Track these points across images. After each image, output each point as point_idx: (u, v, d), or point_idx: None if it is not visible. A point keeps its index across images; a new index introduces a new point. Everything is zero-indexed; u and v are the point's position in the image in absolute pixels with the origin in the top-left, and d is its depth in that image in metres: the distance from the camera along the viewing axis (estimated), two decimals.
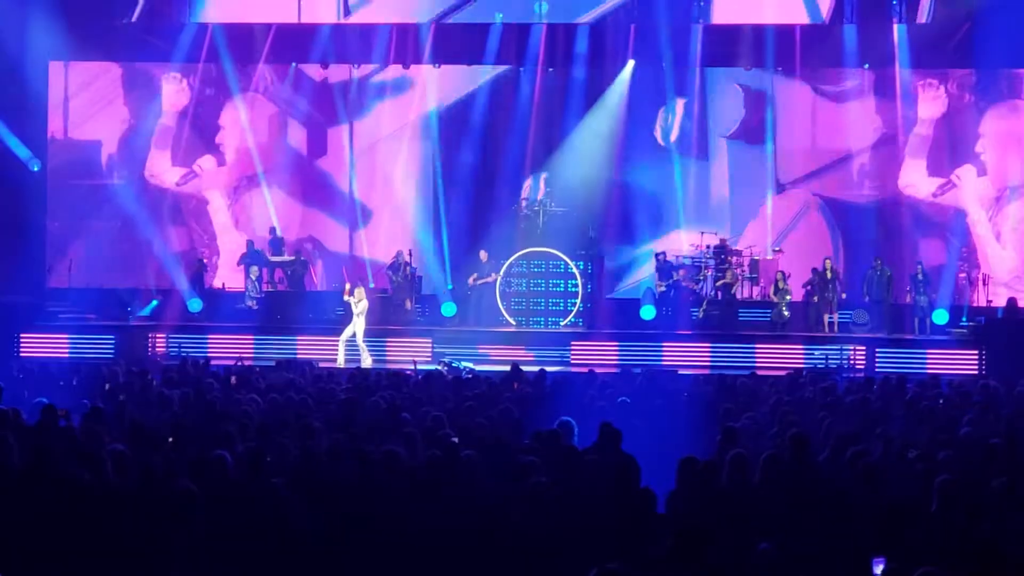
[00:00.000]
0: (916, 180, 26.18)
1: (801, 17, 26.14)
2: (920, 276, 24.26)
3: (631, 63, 26.65)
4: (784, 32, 25.97)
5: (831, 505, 8.56)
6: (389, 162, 27.57)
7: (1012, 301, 23.49)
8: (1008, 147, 25.99)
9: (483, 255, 25.31)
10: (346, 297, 22.71)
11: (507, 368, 16.64)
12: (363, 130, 27.67)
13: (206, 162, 27.93)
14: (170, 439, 10.81)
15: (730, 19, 26.47)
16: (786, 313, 24.21)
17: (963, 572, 6.96)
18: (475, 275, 25.19)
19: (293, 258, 26.15)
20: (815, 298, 24.28)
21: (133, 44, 26.83)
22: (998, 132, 26.04)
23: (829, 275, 24.19)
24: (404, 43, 26.89)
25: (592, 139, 26.74)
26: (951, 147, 26.16)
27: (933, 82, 26.15)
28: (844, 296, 24.54)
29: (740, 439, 10.63)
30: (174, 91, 27.67)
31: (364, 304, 22.39)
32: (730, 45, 26.15)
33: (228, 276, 27.04)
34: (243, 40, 27.20)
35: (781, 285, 24.31)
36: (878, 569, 7.09)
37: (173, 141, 27.65)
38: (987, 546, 6.96)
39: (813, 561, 7.56)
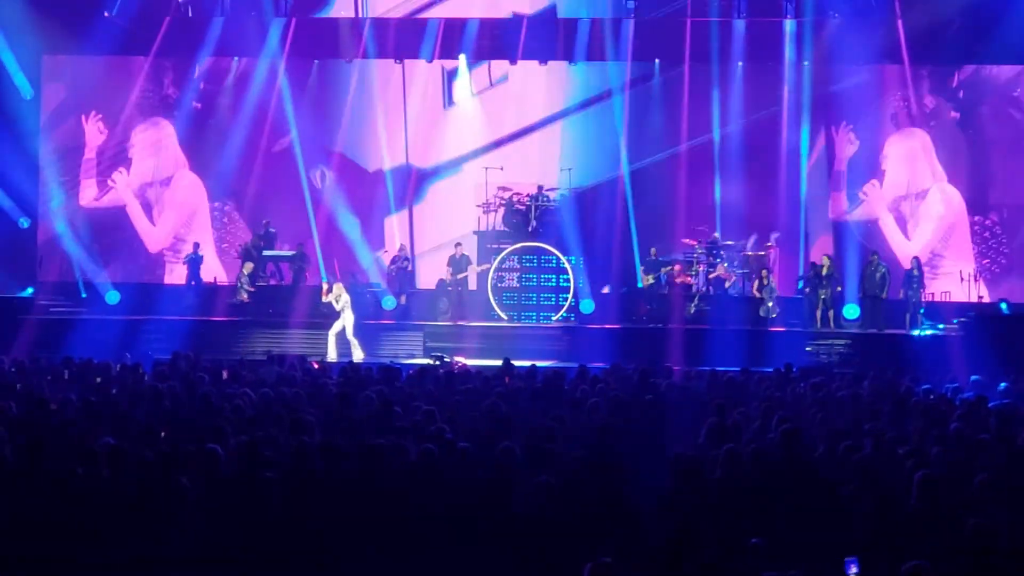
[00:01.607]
0: (839, 207, 26.95)
1: None
2: (916, 272, 24.27)
3: None
4: None
5: (822, 499, 8.60)
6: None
7: (1003, 300, 23.73)
8: (905, 162, 26.69)
9: (458, 250, 25.25)
10: (325, 298, 22.70)
11: (499, 363, 16.73)
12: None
13: (120, 176, 27.93)
14: (162, 433, 10.81)
15: None
16: (772, 307, 24.22)
17: (952, 565, 7.01)
18: (450, 271, 25.08)
19: (294, 252, 25.96)
20: (807, 290, 24.31)
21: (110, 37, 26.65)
22: (897, 153, 26.65)
23: (825, 271, 24.20)
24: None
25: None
26: (860, 171, 26.86)
27: (849, 127, 26.70)
28: (840, 290, 24.54)
29: (731, 434, 10.66)
30: (95, 130, 27.82)
31: (345, 298, 22.37)
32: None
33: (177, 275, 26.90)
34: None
35: (766, 282, 24.34)
36: (852, 570, 7.09)
37: (96, 170, 27.89)
38: (978, 539, 7.00)
39: (804, 555, 7.59)
